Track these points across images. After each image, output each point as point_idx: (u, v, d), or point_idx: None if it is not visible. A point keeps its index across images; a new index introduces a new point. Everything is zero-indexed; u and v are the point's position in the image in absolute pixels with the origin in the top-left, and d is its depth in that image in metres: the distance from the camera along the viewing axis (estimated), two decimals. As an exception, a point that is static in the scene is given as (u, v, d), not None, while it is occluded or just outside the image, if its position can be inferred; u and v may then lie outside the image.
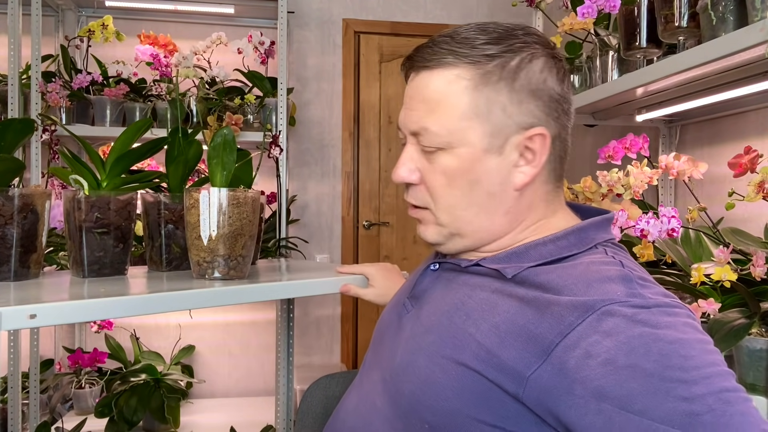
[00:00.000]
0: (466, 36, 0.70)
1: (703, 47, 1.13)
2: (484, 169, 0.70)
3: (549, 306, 0.61)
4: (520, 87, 0.69)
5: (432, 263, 0.81)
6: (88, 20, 2.48)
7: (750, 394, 0.98)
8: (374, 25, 2.84)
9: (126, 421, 2.03)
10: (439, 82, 0.69)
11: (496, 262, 0.71)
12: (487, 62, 0.68)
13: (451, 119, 0.69)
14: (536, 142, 0.70)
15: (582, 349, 0.56)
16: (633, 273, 0.63)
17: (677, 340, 0.54)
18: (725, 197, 1.04)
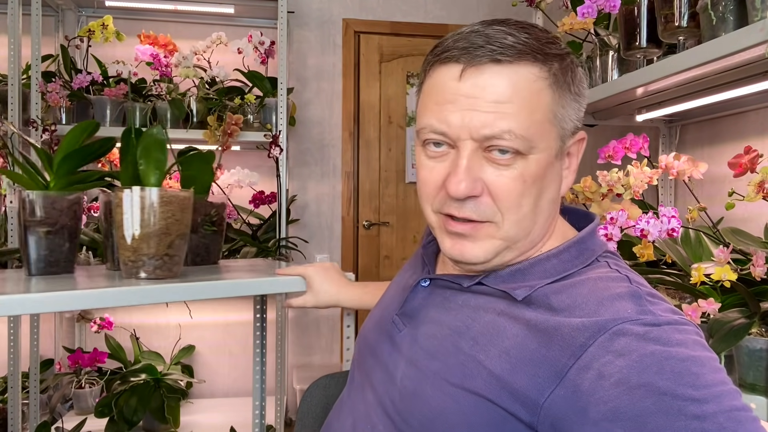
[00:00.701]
0: (521, 32, 0.64)
1: (703, 47, 1.13)
2: (551, 175, 0.66)
3: (559, 328, 0.59)
4: (575, 90, 0.67)
5: (422, 279, 0.77)
6: (88, 20, 2.48)
7: (750, 394, 0.99)
8: (374, 25, 2.84)
9: (126, 421, 2.03)
10: (518, 81, 0.62)
11: (501, 281, 0.68)
12: (553, 62, 0.64)
13: (534, 121, 0.63)
14: (576, 147, 0.69)
15: (595, 370, 0.55)
16: (641, 289, 0.62)
17: (689, 357, 0.54)
18: (725, 197, 1.04)
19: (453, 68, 0.64)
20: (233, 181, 2.32)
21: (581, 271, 0.66)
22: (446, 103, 0.64)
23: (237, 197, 2.34)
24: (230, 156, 2.56)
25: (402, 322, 0.76)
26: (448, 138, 0.64)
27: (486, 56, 0.62)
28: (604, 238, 1.19)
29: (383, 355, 0.76)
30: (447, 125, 0.64)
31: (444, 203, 0.66)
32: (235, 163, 2.51)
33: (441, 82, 0.65)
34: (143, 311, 2.56)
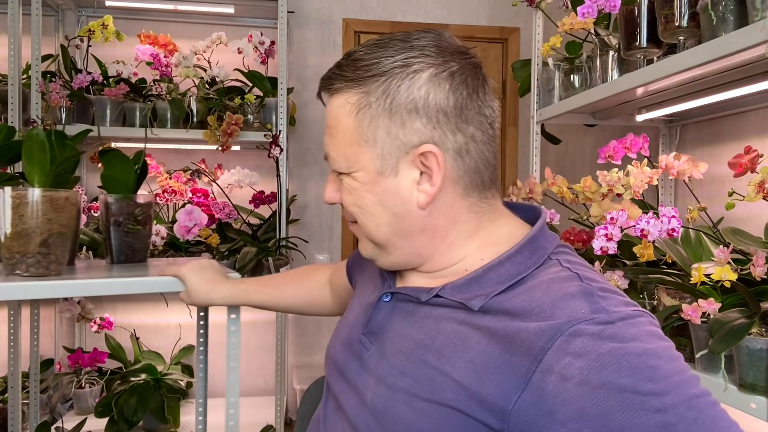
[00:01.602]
0: (354, 58, 0.71)
1: (703, 47, 1.13)
2: (383, 191, 0.70)
3: (519, 333, 0.61)
4: (399, 107, 0.68)
5: (383, 294, 0.78)
6: (88, 20, 2.48)
7: (750, 394, 0.99)
8: (374, 25, 2.84)
9: (126, 421, 2.03)
10: (333, 108, 0.72)
11: (457, 292, 0.70)
12: (369, 84, 0.68)
13: (343, 145, 0.71)
14: (430, 160, 0.68)
15: (557, 372, 0.57)
16: (592, 286, 0.63)
17: (645, 351, 0.56)
18: (725, 197, 1.04)
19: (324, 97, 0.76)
20: (233, 181, 2.32)
21: (534, 273, 0.68)
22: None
23: (237, 197, 2.34)
24: (230, 156, 2.56)
25: (369, 341, 0.76)
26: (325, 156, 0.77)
27: (324, 87, 0.73)
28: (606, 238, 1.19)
29: (352, 376, 0.76)
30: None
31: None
32: (235, 163, 2.51)
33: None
34: (143, 311, 2.56)
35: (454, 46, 0.72)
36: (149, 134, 2.17)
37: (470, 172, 0.71)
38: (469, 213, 0.73)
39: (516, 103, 2.85)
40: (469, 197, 0.72)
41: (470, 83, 0.70)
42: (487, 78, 0.74)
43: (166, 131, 2.20)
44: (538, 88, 1.94)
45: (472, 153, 0.70)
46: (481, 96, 0.72)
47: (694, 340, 1.12)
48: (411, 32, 0.71)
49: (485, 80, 0.74)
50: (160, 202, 2.31)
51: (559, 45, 1.76)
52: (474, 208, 0.73)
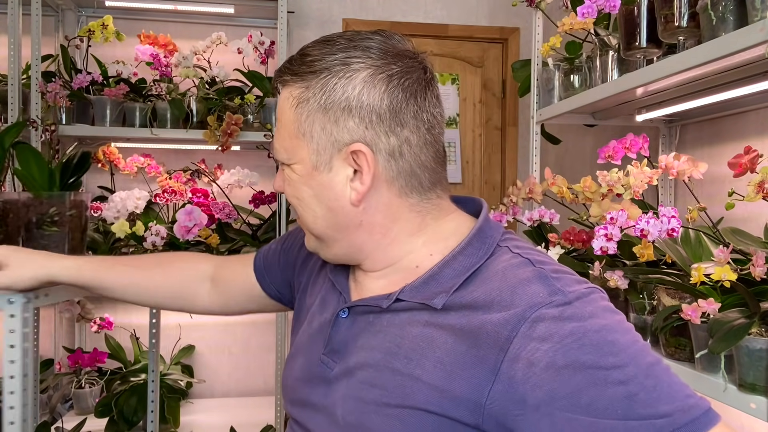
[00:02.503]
0: (303, 53, 0.72)
1: (703, 47, 1.13)
2: (318, 185, 0.72)
3: (483, 326, 0.62)
4: (333, 104, 0.69)
5: (341, 310, 0.76)
6: (88, 20, 2.48)
7: (750, 394, 0.99)
8: (374, 25, 2.84)
9: (126, 421, 2.03)
10: (280, 100, 0.74)
11: (417, 293, 0.70)
12: (310, 79, 0.70)
13: (284, 136, 0.73)
14: (361, 159, 0.70)
15: (524, 359, 0.59)
16: (545, 269, 0.66)
17: (602, 327, 0.59)
18: (725, 197, 1.04)
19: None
20: (233, 181, 2.32)
21: (487, 264, 0.69)
22: None
23: (237, 197, 2.34)
24: (230, 156, 2.57)
25: (332, 360, 0.74)
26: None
27: (276, 80, 0.76)
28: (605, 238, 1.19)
29: (319, 399, 0.74)
30: None
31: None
32: (235, 163, 2.51)
33: None
34: (143, 311, 2.56)
35: (400, 49, 0.72)
36: (149, 134, 2.17)
37: (405, 174, 0.71)
38: (410, 212, 0.73)
39: (516, 103, 2.85)
40: (408, 198, 0.73)
41: (409, 87, 0.70)
42: (432, 83, 0.74)
43: (166, 131, 2.19)
44: (538, 88, 1.94)
45: (406, 156, 0.71)
46: (420, 101, 0.71)
47: (694, 340, 1.12)
48: (361, 32, 0.73)
49: (429, 85, 0.73)
50: (159, 202, 2.31)
51: (559, 45, 1.76)
52: (416, 208, 0.74)
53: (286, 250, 0.98)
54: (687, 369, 1.13)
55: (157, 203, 2.31)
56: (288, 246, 0.98)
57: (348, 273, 0.82)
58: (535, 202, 1.70)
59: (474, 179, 2.89)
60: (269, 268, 0.99)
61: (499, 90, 2.89)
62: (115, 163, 2.43)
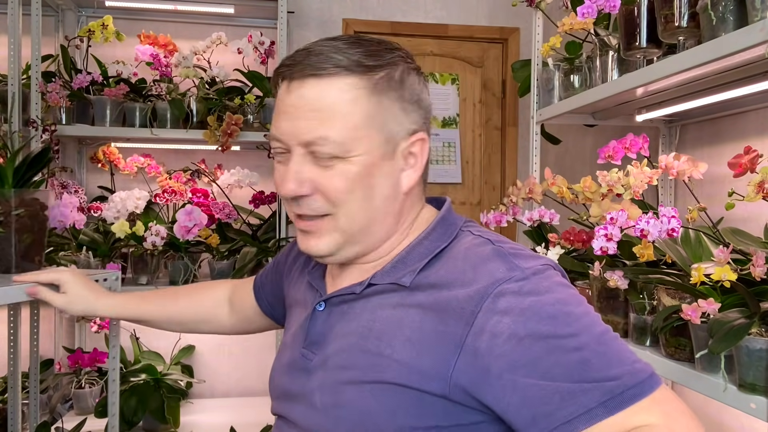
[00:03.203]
0: (348, 47, 0.72)
1: (703, 47, 1.13)
2: (381, 174, 0.73)
3: (449, 303, 0.68)
4: (406, 97, 0.74)
5: (317, 304, 0.80)
6: (88, 20, 2.48)
7: (750, 394, 0.99)
8: (374, 25, 2.84)
9: (126, 421, 2.02)
10: (333, 91, 0.70)
11: (387, 275, 0.75)
12: (374, 73, 0.71)
13: (348, 127, 0.70)
14: (418, 147, 0.76)
15: (488, 332, 0.64)
16: (503, 247, 0.72)
17: (558, 300, 0.65)
18: (725, 197, 1.04)
19: (284, 83, 0.74)
20: (233, 181, 2.32)
21: (451, 246, 0.75)
22: (280, 113, 0.74)
23: (237, 197, 2.33)
24: (230, 156, 2.56)
25: (311, 352, 0.78)
26: (283, 143, 0.73)
27: (307, 70, 0.71)
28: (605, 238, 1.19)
29: (300, 389, 0.78)
30: (280, 132, 0.73)
31: (291, 204, 0.75)
32: (235, 163, 2.51)
33: (278, 97, 0.75)
34: (143, 311, 2.57)
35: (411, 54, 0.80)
36: (149, 134, 2.17)
37: (427, 163, 0.80)
38: (417, 200, 0.81)
39: (516, 103, 2.85)
40: (420, 185, 0.80)
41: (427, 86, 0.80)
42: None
43: (166, 131, 2.19)
44: (537, 89, 1.94)
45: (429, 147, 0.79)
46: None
47: (693, 340, 1.12)
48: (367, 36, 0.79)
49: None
50: (159, 202, 2.31)
51: (559, 45, 1.76)
52: (420, 195, 0.81)
53: (277, 264, 1.03)
54: (687, 369, 1.13)
55: (157, 203, 2.31)
56: (278, 260, 1.03)
57: (324, 272, 0.86)
58: (535, 202, 1.70)
59: (474, 179, 2.89)
60: (264, 285, 1.06)
61: (499, 90, 2.89)
62: (115, 163, 2.43)
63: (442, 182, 2.84)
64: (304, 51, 0.72)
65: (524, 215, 1.71)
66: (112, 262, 2.10)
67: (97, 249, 2.11)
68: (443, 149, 2.86)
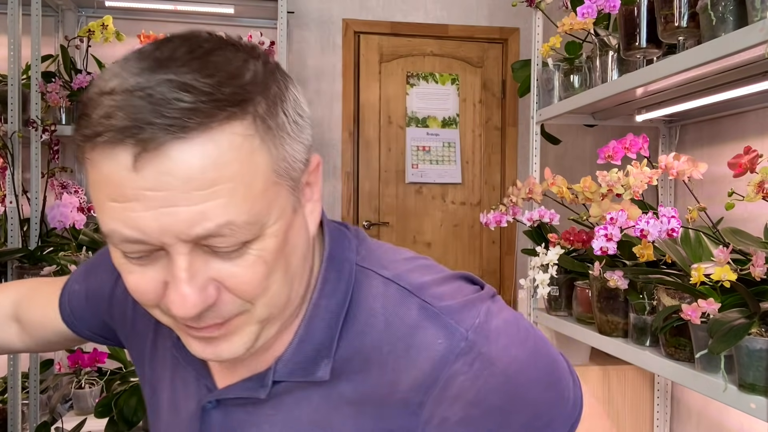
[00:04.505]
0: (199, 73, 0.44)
1: (703, 47, 1.13)
2: (296, 233, 0.52)
3: (388, 395, 0.54)
4: (291, 114, 0.50)
5: (206, 401, 0.60)
6: (88, 20, 2.48)
7: (750, 394, 0.99)
8: (374, 25, 2.84)
9: (126, 421, 2.02)
10: (220, 153, 0.44)
11: (294, 367, 0.56)
12: (257, 102, 0.46)
13: (256, 196, 0.46)
14: (314, 174, 0.54)
15: (437, 417, 0.54)
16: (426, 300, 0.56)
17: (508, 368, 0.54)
18: (725, 197, 1.04)
19: (120, 155, 0.43)
20: (233, 181, 2.32)
21: (357, 301, 0.57)
22: (128, 201, 0.44)
23: (237, 197, 2.33)
24: (230, 156, 2.57)
25: None
26: (149, 244, 0.46)
27: (163, 133, 0.42)
28: (605, 238, 1.19)
29: None
30: (141, 232, 0.45)
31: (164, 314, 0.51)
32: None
33: (109, 174, 0.44)
34: (143, 311, 2.57)
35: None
36: (149, 134, 2.17)
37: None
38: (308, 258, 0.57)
39: (516, 104, 2.86)
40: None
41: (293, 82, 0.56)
42: None
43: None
44: (537, 89, 1.94)
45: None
46: None
47: (693, 340, 1.12)
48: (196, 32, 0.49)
49: None
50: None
51: (559, 45, 1.76)
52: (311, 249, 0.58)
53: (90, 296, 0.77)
54: (687, 369, 1.13)
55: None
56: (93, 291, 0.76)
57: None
58: (535, 203, 1.70)
59: (474, 179, 2.89)
60: (76, 311, 0.78)
61: (499, 90, 2.89)
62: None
63: (442, 182, 2.84)
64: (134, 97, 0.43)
65: (524, 215, 1.71)
66: (112, 262, 2.10)
67: (97, 249, 2.11)
68: (443, 149, 2.86)
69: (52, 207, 2.07)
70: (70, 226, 2.08)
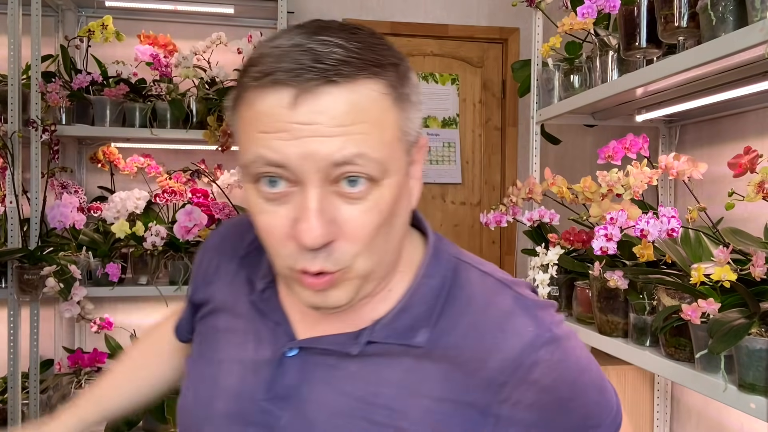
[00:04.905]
0: (358, 40, 0.55)
1: (703, 47, 1.13)
2: (403, 194, 0.58)
3: (476, 372, 0.60)
4: (413, 97, 0.59)
5: (286, 348, 0.63)
6: (88, 20, 2.48)
7: (750, 394, 0.99)
8: (374, 25, 2.84)
9: (126, 421, 2.03)
10: (362, 100, 0.53)
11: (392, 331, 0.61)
12: (394, 72, 0.56)
13: (385, 142, 0.54)
14: (419, 154, 0.62)
15: (513, 399, 0.60)
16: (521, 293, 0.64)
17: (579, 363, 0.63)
18: (725, 197, 1.04)
19: (281, 94, 0.52)
20: (233, 182, 2.32)
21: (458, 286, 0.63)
22: (279, 132, 0.52)
23: (237, 197, 2.33)
24: (230, 156, 2.56)
25: (277, 408, 0.62)
26: (288, 172, 0.53)
27: (320, 78, 0.52)
28: (605, 238, 1.19)
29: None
30: (284, 157, 0.52)
31: (297, 258, 0.55)
32: (235, 163, 2.51)
33: (267, 110, 0.53)
34: (143, 312, 2.56)
35: None
36: (149, 134, 2.17)
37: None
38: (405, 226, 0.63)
39: (516, 104, 2.85)
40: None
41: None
42: None
43: (166, 131, 2.19)
44: (537, 89, 1.94)
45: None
46: None
47: (693, 340, 1.12)
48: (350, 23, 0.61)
49: None
50: (159, 203, 2.31)
51: (559, 45, 1.76)
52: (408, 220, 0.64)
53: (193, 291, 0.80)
54: (687, 369, 1.13)
55: (157, 203, 2.31)
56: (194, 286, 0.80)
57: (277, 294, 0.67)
58: (535, 203, 1.70)
59: (474, 179, 2.89)
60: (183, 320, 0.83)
61: (499, 90, 2.89)
62: (115, 163, 2.43)
63: (442, 182, 2.84)
64: (298, 51, 0.53)
65: (524, 215, 1.71)
66: (111, 262, 2.10)
67: (97, 249, 2.11)
68: (443, 149, 2.86)
69: (52, 207, 2.07)
70: (70, 226, 2.08)
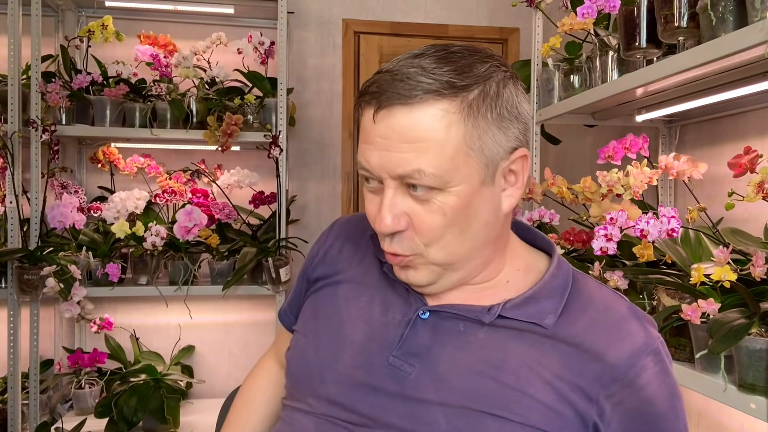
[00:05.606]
0: (436, 65, 0.65)
1: (702, 47, 1.13)
2: (481, 201, 0.68)
3: (592, 363, 0.68)
4: (503, 112, 0.67)
5: (420, 311, 0.73)
6: (88, 20, 2.48)
7: (750, 394, 0.99)
8: (374, 25, 2.84)
9: (126, 421, 2.02)
10: (424, 119, 0.64)
11: (520, 311, 0.71)
12: (467, 92, 0.65)
13: (445, 157, 0.64)
14: (519, 164, 0.71)
15: (616, 398, 0.67)
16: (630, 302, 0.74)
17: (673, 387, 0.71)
18: (725, 197, 1.04)
19: (369, 110, 0.67)
20: (233, 182, 2.32)
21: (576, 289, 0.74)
22: (367, 143, 0.67)
23: (237, 197, 2.33)
24: (230, 156, 2.56)
25: (408, 363, 0.71)
26: (373, 175, 0.68)
27: (393, 98, 0.64)
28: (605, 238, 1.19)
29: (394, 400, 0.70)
30: (369, 164, 0.68)
31: (383, 238, 0.70)
32: (235, 163, 2.51)
33: (363, 123, 0.69)
34: (143, 312, 2.56)
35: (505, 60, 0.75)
36: (149, 135, 2.17)
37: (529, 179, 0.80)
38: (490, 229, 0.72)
39: (516, 104, 2.85)
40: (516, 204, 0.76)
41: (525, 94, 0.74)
42: None
43: (166, 131, 2.19)
44: (537, 89, 1.94)
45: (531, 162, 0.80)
46: None
47: (693, 341, 1.12)
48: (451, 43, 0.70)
49: None
50: (159, 203, 2.31)
51: (559, 45, 1.76)
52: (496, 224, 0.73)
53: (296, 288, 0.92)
54: (687, 369, 1.13)
55: (157, 203, 2.31)
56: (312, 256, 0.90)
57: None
58: (535, 203, 1.70)
59: (474, 179, 2.88)
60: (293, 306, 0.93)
61: (499, 90, 2.89)
62: (115, 163, 2.43)
63: (442, 182, 2.84)
64: (388, 75, 0.65)
65: (524, 215, 1.71)
66: (111, 262, 2.10)
67: (97, 249, 2.11)
68: (443, 149, 2.85)
69: (52, 207, 2.07)
70: (70, 226, 2.08)
